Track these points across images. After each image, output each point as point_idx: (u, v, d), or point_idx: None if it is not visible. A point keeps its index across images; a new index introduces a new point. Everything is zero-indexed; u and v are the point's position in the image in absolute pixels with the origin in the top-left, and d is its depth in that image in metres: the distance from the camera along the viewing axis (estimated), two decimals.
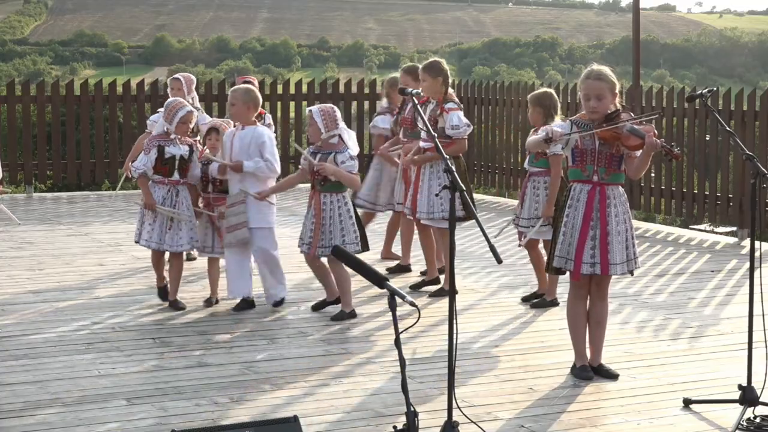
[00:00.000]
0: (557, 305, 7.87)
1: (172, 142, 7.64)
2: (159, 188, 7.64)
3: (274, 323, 7.43)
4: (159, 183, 7.65)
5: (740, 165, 11.43)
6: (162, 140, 7.66)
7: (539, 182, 7.85)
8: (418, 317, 4.58)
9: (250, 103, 7.77)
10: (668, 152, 5.86)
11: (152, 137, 7.76)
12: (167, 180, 7.63)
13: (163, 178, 7.64)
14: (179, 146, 7.65)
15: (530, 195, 7.89)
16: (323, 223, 7.41)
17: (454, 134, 8.01)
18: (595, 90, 5.94)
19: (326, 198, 7.44)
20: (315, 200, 7.47)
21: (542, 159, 7.80)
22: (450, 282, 4.83)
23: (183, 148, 7.67)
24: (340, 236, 7.39)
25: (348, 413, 5.49)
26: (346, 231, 7.41)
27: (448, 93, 8.18)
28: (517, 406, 5.67)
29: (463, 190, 4.85)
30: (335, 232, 7.40)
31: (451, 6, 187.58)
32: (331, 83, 16.82)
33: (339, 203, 7.45)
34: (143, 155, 7.72)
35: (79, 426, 5.27)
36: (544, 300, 7.96)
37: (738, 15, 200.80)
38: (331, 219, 7.42)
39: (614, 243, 5.98)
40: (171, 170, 7.64)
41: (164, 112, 7.76)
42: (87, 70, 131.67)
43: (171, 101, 7.79)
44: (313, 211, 7.46)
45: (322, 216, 7.42)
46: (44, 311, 7.73)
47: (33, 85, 15.96)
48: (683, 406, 5.64)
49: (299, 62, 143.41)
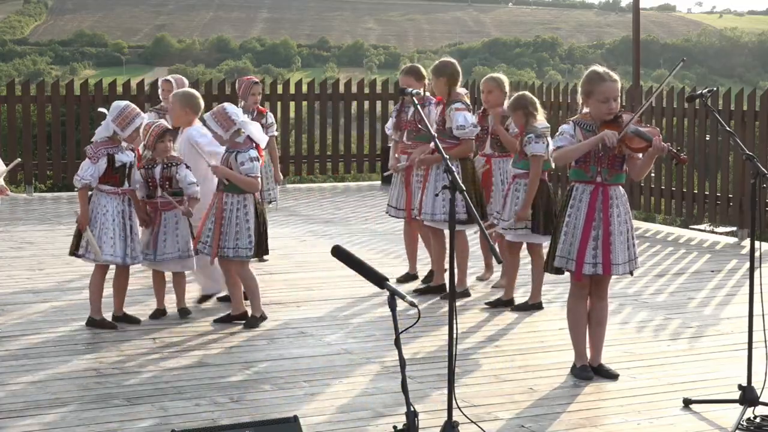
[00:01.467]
0: (542, 308, 7.84)
1: (120, 149, 7.18)
2: (113, 199, 7.16)
3: (274, 323, 7.43)
4: (112, 194, 7.16)
5: (740, 165, 11.43)
6: (110, 148, 7.15)
7: (521, 184, 7.75)
8: (418, 317, 4.58)
9: (187, 108, 7.74)
10: (675, 156, 5.84)
11: (98, 144, 7.17)
12: (120, 190, 7.18)
13: (115, 188, 7.17)
14: (127, 153, 7.22)
15: (512, 197, 7.80)
16: (223, 224, 7.22)
17: (460, 134, 7.95)
18: (614, 92, 5.93)
19: (228, 198, 7.24)
20: (218, 200, 7.28)
21: (524, 160, 7.70)
22: (450, 282, 4.82)
23: (130, 155, 7.24)
24: (234, 239, 7.21)
25: (348, 413, 5.49)
26: (240, 235, 7.21)
27: (454, 93, 8.11)
28: (517, 406, 5.66)
29: (464, 190, 4.84)
30: (230, 234, 7.21)
31: (451, 6, 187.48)
32: (331, 83, 16.82)
33: (239, 204, 7.24)
34: (89, 164, 7.13)
35: (79, 426, 5.27)
36: (526, 303, 7.88)
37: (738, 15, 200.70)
38: (229, 220, 7.21)
39: (616, 243, 5.98)
40: (122, 179, 7.18)
41: (116, 116, 7.16)
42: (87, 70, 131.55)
43: (125, 106, 7.23)
44: (215, 211, 7.26)
45: (223, 216, 7.22)
46: (44, 311, 7.73)
47: (33, 85, 15.97)
48: (683, 406, 5.65)
49: (299, 62, 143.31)
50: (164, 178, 7.39)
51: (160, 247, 7.39)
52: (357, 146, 16.35)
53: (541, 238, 7.79)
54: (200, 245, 7.33)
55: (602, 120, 5.94)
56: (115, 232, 7.16)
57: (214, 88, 15.70)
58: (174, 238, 7.41)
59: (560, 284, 8.44)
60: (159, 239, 7.39)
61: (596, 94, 5.92)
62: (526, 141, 7.67)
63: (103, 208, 7.16)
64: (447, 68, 8.15)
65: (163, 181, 7.38)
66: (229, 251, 7.24)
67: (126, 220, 7.21)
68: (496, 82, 8.40)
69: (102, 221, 7.14)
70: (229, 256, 7.26)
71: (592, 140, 5.88)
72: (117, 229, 7.17)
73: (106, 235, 7.14)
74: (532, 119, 7.71)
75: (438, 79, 8.12)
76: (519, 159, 7.78)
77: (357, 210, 13.20)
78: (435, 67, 8.24)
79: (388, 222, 11.36)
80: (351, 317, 7.64)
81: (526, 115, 7.72)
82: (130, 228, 7.22)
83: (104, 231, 7.15)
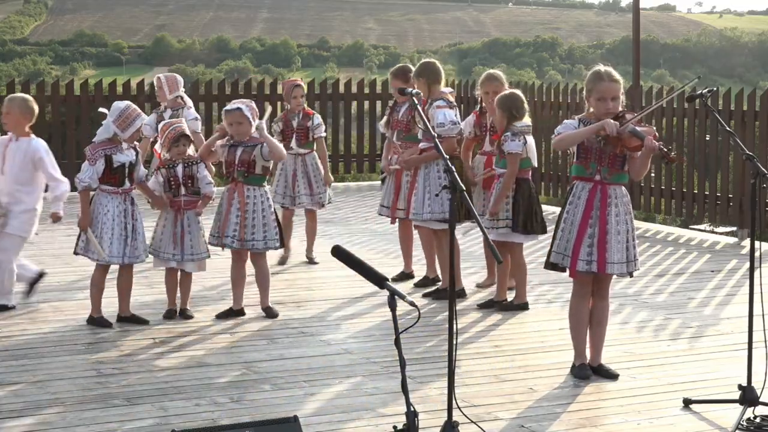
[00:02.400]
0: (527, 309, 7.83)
1: (118, 149, 7.19)
2: (113, 199, 7.18)
3: (274, 323, 7.43)
4: (112, 194, 7.19)
5: (740, 165, 11.43)
6: (108, 148, 7.17)
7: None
8: (418, 317, 4.58)
9: (27, 114, 7.71)
10: (664, 155, 5.87)
11: (96, 145, 7.20)
12: (120, 190, 7.21)
13: (115, 188, 7.19)
14: (126, 153, 7.23)
15: (494, 197, 7.80)
16: (246, 217, 7.36)
17: (440, 132, 7.94)
18: (612, 91, 5.97)
19: (250, 191, 7.40)
20: (237, 193, 7.40)
21: (505, 160, 7.71)
22: (450, 282, 4.82)
23: (130, 154, 7.25)
24: (262, 231, 7.39)
25: (348, 413, 5.49)
26: (267, 227, 7.40)
27: (436, 92, 8.12)
28: (517, 406, 5.66)
29: (463, 190, 4.85)
30: (258, 226, 7.38)
31: (451, 6, 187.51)
32: (331, 83, 16.82)
33: (262, 198, 7.43)
34: (88, 166, 7.15)
35: (79, 426, 5.27)
36: (512, 303, 7.87)
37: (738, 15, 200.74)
38: (254, 212, 7.37)
39: (613, 242, 5.98)
40: (121, 179, 7.19)
41: (117, 118, 7.19)
42: (87, 70, 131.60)
43: (126, 107, 7.25)
44: (238, 205, 7.37)
45: (246, 209, 7.36)
46: (44, 311, 7.73)
47: (33, 85, 15.96)
48: (683, 406, 5.64)
49: (299, 62, 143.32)
50: (186, 177, 7.45)
51: (187, 247, 7.41)
52: (357, 146, 16.34)
53: (521, 237, 7.80)
54: (227, 240, 7.40)
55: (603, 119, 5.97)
56: (114, 232, 7.17)
57: (214, 88, 15.70)
58: (199, 239, 7.46)
59: (560, 284, 8.44)
60: (185, 239, 7.41)
61: (594, 93, 6.00)
62: (503, 139, 7.70)
63: (104, 207, 7.19)
64: (426, 69, 8.24)
65: (185, 179, 7.44)
66: (259, 243, 7.41)
67: (128, 220, 7.22)
68: (499, 81, 8.37)
69: (103, 221, 7.17)
70: (259, 249, 7.44)
71: (592, 127, 5.94)
72: (117, 228, 7.18)
73: (107, 235, 7.17)
74: (514, 120, 7.69)
75: (418, 80, 8.20)
76: (500, 158, 7.78)
77: (357, 210, 13.20)
78: (415, 69, 8.36)
79: (387, 222, 11.35)
80: (351, 317, 7.64)
81: (509, 118, 7.70)
82: (132, 227, 7.22)
83: (105, 231, 7.17)
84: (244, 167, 7.39)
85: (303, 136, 9.46)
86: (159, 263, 7.57)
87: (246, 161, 7.39)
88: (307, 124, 9.44)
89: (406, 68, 8.73)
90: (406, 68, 8.72)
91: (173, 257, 7.43)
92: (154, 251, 7.47)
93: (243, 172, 7.39)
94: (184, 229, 7.43)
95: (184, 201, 7.43)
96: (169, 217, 7.45)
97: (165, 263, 7.51)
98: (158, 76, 9.94)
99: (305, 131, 9.46)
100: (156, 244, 7.47)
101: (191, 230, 7.44)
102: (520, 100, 7.77)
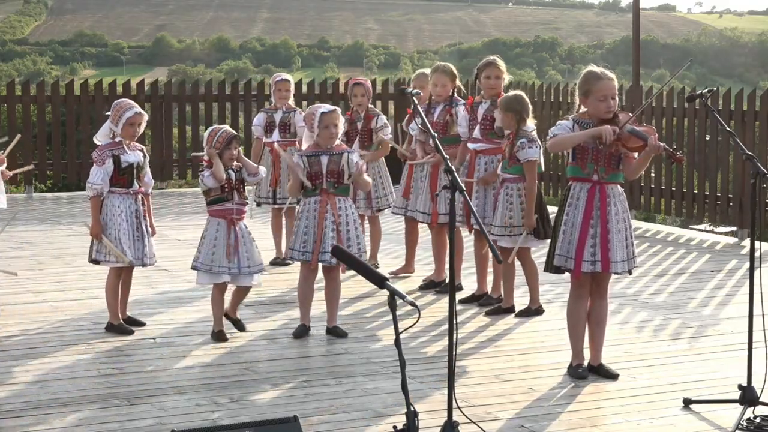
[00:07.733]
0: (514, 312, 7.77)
1: (123, 149, 7.00)
2: (125, 199, 7.01)
3: (274, 323, 7.43)
4: (123, 194, 7.01)
5: (740, 165, 11.43)
6: (114, 149, 6.99)
7: (512, 189, 7.51)
8: (418, 317, 4.58)
9: None
10: (671, 155, 5.85)
11: (102, 147, 7.02)
12: (131, 191, 7.04)
13: (125, 189, 7.03)
14: (132, 153, 7.05)
15: (503, 202, 7.55)
16: (341, 230, 6.92)
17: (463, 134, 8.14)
18: (611, 90, 5.97)
19: (341, 203, 6.95)
20: (329, 205, 6.89)
21: (516, 165, 7.47)
22: (450, 282, 4.82)
23: (137, 155, 7.08)
24: (356, 244, 6.97)
25: (348, 413, 5.49)
26: (360, 239, 7.01)
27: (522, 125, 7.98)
28: (517, 406, 5.67)
29: (463, 190, 4.84)
30: (352, 239, 6.95)
31: (451, 6, 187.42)
32: (331, 83, 16.82)
33: (351, 209, 7.02)
34: (97, 169, 6.97)
35: (79, 426, 5.27)
36: (500, 307, 7.79)
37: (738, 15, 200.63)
38: (347, 225, 6.94)
39: (614, 241, 5.99)
40: (130, 180, 7.02)
41: (111, 113, 7.07)
42: (87, 70, 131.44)
43: (117, 101, 7.14)
44: (332, 218, 6.90)
45: (339, 222, 6.92)
46: (44, 311, 7.73)
47: (33, 85, 15.96)
48: (683, 406, 5.65)
49: (299, 62, 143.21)
50: (238, 182, 6.98)
51: (243, 259, 6.90)
52: None
53: (534, 242, 7.67)
54: (326, 255, 6.83)
55: (600, 119, 5.96)
56: (130, 232, 7.03)
57: (214, 88, 15.69)
58: (254, 250, 6.99)
59: (560, 284, 8.44)
60: (240, 252, 6.88)
61: (594, 93, 5.95)
62: (519, 146, 7.43)
63: (117, 208, 7.02)
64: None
65: (237, 184, 6.95)
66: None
67: (140, 220, 7.09)
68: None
69: (118, 222, 7.00)
70: None
71: (589, 131, 5.92)
72: (131, 230, 7.04)
73: (125, 236, 7.01)
74: (523, 123, 7.49)
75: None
76: (510, 164, 7.52)
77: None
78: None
79: (388, 222, 11.37)
80: (351, 317, 7.63)
81: (518, 121, 7.47)
82: (144, 228, 7.10)
83: (122, 232, 7.00)
84: (333, 178, 6.91)
85: (367, 137, 9.09)
86: (207, 278, 6.95)
87: (335, 171, 6.91)
88: (370, 126, 9.08)
89: (451, 68, 8.66)
90: (452, 68, 8.66)
91: (229, 271, 6.91)
92: (204, 265, 6.90)
93: (333, 183, 6.90)
94: (238, 240, 6.93)
95: (236, 209, 6.94)
96: (221, 228, 6.92)
97: (217, 278, 6.93)
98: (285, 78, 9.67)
99: (369, 133, 9.10)
100: (205, 258, 6.91)
101: (245, 240, 6.95)
102: (527, 101, 7.59)
